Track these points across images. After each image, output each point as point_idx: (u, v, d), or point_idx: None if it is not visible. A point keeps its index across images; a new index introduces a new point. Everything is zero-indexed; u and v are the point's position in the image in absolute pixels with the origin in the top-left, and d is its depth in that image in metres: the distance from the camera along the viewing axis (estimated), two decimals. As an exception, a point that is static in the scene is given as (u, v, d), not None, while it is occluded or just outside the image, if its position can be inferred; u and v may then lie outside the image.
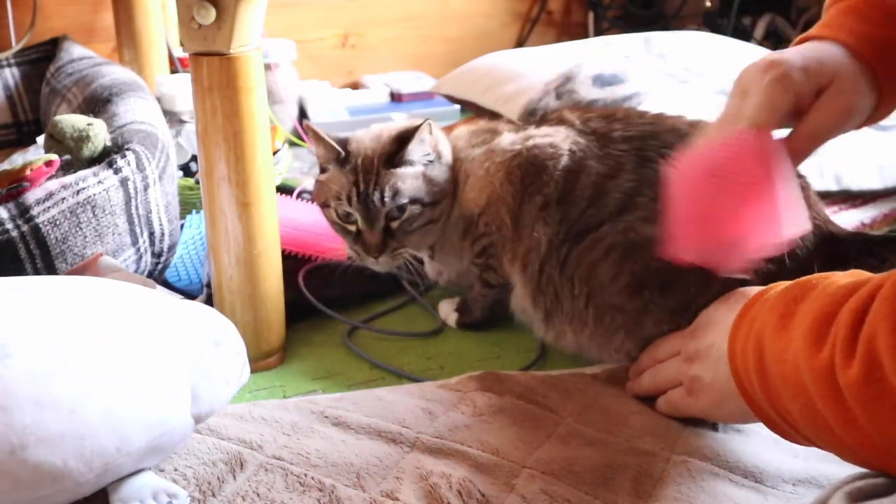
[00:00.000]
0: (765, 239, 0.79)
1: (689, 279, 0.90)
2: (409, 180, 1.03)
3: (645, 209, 0.93)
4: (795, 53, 0.82)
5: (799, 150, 0.83)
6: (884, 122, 1.38)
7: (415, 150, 1.04)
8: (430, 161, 1.05)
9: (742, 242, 0.80)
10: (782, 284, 0.74)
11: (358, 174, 1.03)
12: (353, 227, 1.05)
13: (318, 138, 1.04)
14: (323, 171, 1.08)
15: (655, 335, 0.94)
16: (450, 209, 1.07)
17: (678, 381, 0.88)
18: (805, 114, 0.82)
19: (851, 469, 0.66)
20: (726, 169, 0.80)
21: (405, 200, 1.02)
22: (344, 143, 1.06)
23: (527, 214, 1.00)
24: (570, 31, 2.32)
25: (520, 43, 2.25)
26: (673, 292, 0.92)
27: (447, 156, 1.07)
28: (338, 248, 1.19)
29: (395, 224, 1.03)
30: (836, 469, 0.68)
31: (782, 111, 0.80)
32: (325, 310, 1.10)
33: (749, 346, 0.73)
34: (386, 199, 1.01)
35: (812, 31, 0.86)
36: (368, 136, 1.07)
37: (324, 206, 1.07)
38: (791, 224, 0.79)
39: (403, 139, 1.04)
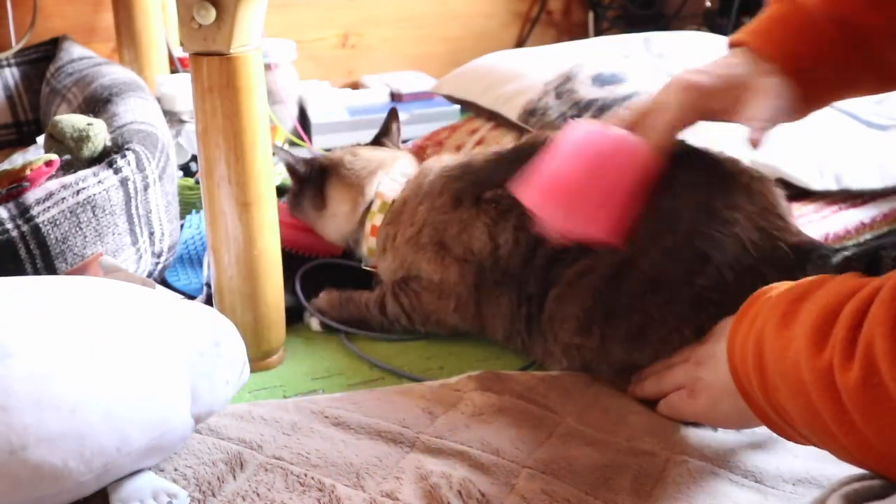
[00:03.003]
0: (586, 227, 0.90)
1: (627, 304, 0.92)
2: None
3: (571, 254, 0.95)
4: (711, 74, 0.91)
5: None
6: (884, 122, 1.38)
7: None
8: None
9: (571, 219, 0.90)
10: (786, 284, 0.75)
11: None
12: None
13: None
14: None
15: (628, 360, 0.94)
16: None
17: (683, 384, 0.88)
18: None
19: (851, 469, 0.66)
20: (605, 156, 0.90)
21: None
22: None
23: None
24: (570, 31, 2.31)
25: (520, 43, 2.25)
26: (617, 319, 0.93)
27: None
28: (336, 248, 1.20)
29: None
30: (835, 469, 0.68)
31: (677, 133, 0.92)
32: (319, 316, 1.09)
33: (749, 343, 0.73)
34: None
35: (740, 36, 0.94)
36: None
37: None
38: (617, 233, 0.89)
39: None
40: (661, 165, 0.90)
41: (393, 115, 1.26)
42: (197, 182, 1.32)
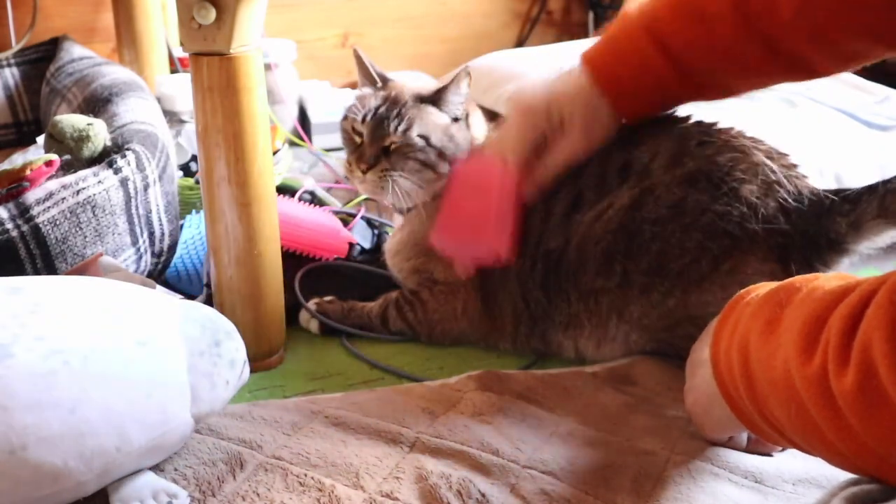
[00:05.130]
0: (483, 252, 1.00)
1: (645, 236, 0.95)
2: (429, 122, 1.04)
3: (590, 196, 1.00)
4: (544, 95, 1.01)
5: (539, 180, 1.01)
6: (884, 122, 1.38)
7: (448, 98, 1.05)
8: (457, 118, 1.06)
9: (468, 248, 1.02)
10: (765, 286, 0.74)
11: (386, 100, 1.05)
12: (357, 140, 1.06)
13: (359, 62, 1.09)
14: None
15: (646, 311, 0.96)
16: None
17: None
18: (548, 150, 1.00)
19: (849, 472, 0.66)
20: (474, 187, 1.01)
21: (414, 134, 1.03)
22: (385, 78, 1.10)
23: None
24: (570, 31, 2.31)
25: (520, 43, 2.25)
26: (638, 252, 0.96)
27: (476, 132, 1.08)
28: (336, 248, 1.19)
29: (393, 146, 1.03)
30: (836, 470, 0.68)
31: (526, 148, 1.00)
32: (319, 316, 1.09)
33: (733, 351, 0.72)
34: (400, 127, 1.03)
35: (585, 53, 1.02)
36: (411, 79, 1.11)
37: (343, 119, 1.09)
38: (502, 248, 0.99)
39: (442, 87, 1.06)
40: (520, 181, 1.00)
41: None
42: (197, 182, 1.32)
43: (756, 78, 0.99)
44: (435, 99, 1.05)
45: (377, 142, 1.03)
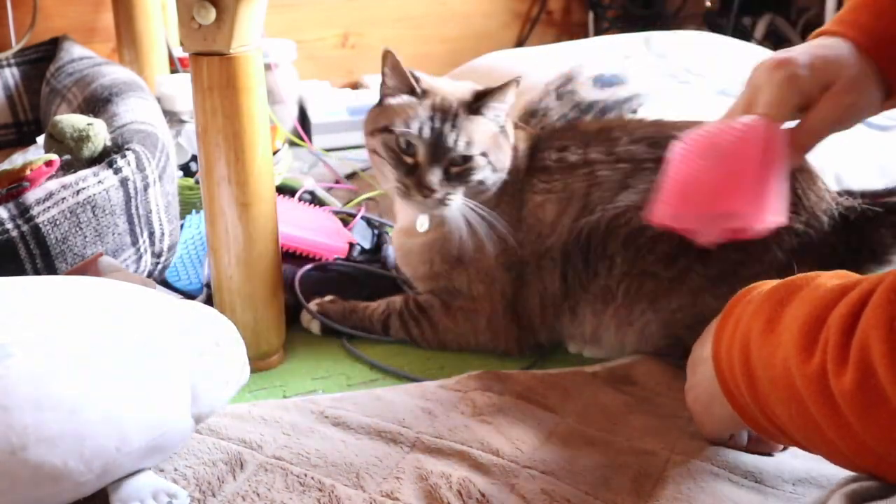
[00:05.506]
0: (747, 220, 0.85)
1: (728, 248, 0.93)
2: (483, 134, 1.00)
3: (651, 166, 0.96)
4: (804, 52, 0.87)
5: (801, 144, 0.88)
6: (884, 122, 1.38)
7: (495, 105, 1.01)
8: (502, 127, 1.03)
9: (727, 217, 0.87)
10: (766, 284, 0.74)
11: (435, 110, 1.00)
12: (410, 160, 1.00)
13: (394, 66, 1.02)
14: (382, 99, 1.05)
15: (683, 305, 0.96)
16: (495, 198, 1.03)
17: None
18: (810, 110, 0.87)
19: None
20: (730, 148, 0.86)
21: (476, 151, 0.99)
22: (416, 77, 1.04)
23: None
24: (570, 31, 2.31)
25: (520, 43, 2.25)
26: (713, 261, 0.94)
27: (511, 141, 1.04)
28: (336, 248, 1.19)
29: (455, 169, 0.99)
30: (835, 469, 0.68)
31: (790, 108, 0.86)
32: (319, 316, 1.09)
33: (735, 349, 0.72)
34: (460, 144, 0.98)
35: (827, 27, 0.90)
36: (442, 81, 1.05)
37: (380, 131, 1.02)
38: (775, 212, 0.85)
39: (483, 92, 1.02)
40: (786, 140, 0.87)
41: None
42: (197, 182, 1.32)
43: None
44: (480, 106, 1.01)
45: (438, 162, 0.98)
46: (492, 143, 1.00)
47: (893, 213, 0.95)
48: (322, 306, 1.10)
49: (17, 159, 1.30)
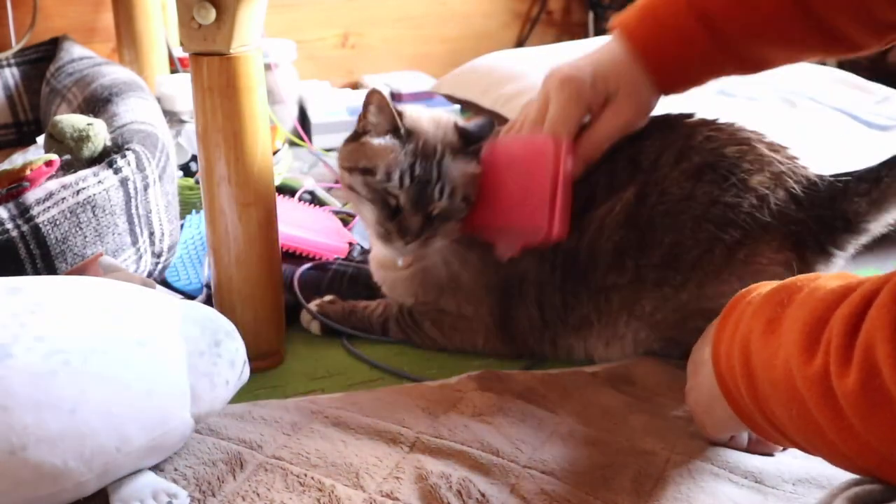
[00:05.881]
0: (539, 234, 0.94)
1: (657, 229, 0.95)
2: (465, 176, 0.98)
3: (601, 194, 0.98)
4: (587, 67, 0.98)
5: (585, 155, 0.98)
6: (884, 122, 1.38)
7: (479, 148, 1.00)
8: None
9: (520, 231, 0.96)
10: (766, 285, 0.74)
11: (418, 156, 0.96)
12: (392, 202, 0.97)
13: (382, 106, 0.97)
14: (360, 134, 1.00)
15: (658, 305, 0.96)
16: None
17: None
18: (592, 123, 0.98)
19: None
20: (524, 166, 0.96)
21: (458, 198, 0.97)
22: (399, 113, 0.99)
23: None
24: (570, 31, 2.31)
25: (520, 43, 2.25)
26: (650, 246, 0.96)
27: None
28: (336, 248, 1.19)
29: (436, 211, 0.97)
30: (835, 469, 0.68)
31: (575, 122, 0.97)
32: (319, 317, 1.09)
33: (735, 351, 0.72)
34: (445, 193, 0.96)
35: (618, 23, 0.99)
36: (424, 117, 1.02)
37: (361, 171, 0.98)
38: (557, 226, 0.94)
39: (468, 133, 0.99)
40: (569, 156, 0.95)
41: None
42: (197, 182, 1.32)
43: (797, 50, 0.98)
44: (465, 147, 0.99)
45: (420, 210, 0.96)
46: (471, 183, 0.98)
47: (864, 180, 0.95)
48: (322, 306, 1.10)
49: (17, 159, 1.30)
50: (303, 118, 1.82)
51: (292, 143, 1.71)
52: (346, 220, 1.31)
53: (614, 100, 0.97)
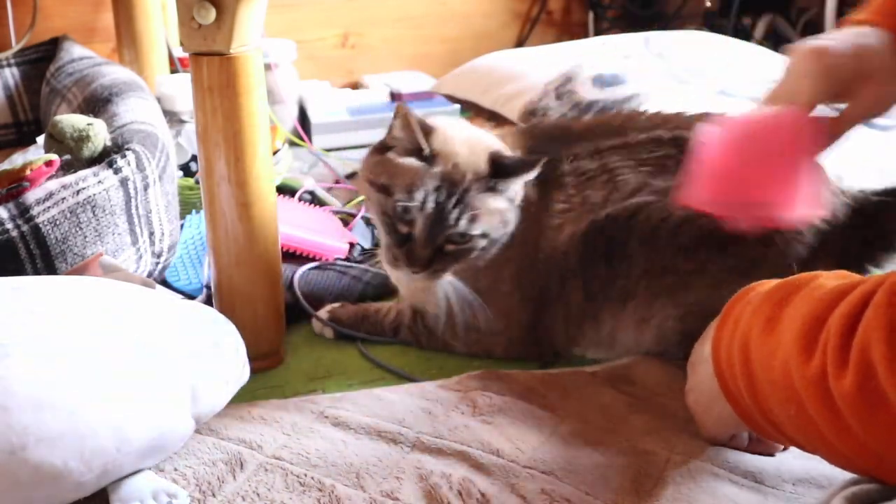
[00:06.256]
0: (780, 210, 0.86)
1: (749, 241, 0.92)
2: (493, 212, 0.93)
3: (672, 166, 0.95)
4: (843, 42, 0.87)
5: (838, 132, 0.89)
6: (884, 122, 1.38)
7: (515, 187, 0.94)
8: (512, 199, 0.95)
9: (761, 207, 0.86)
10: (765, 284, 0.74)
11: (443, 181, 0.91)
12: (405, 229, 0.93)
13: (406, 125, 0.93)
14: (385, 148, 0.96)
15: (700, 298, 0.94)
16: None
17: None
18: (846, 97, 0.88)
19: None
20: (764, 138, 0.86)
21: (478, 232, 0.92)
22: (428, 130, 0.94)
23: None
24: (570, 31, 2.31)
25: (520, 43, 2.25)
26: (732, 253, 0.94)
27: (520, 196, 0.97)
28: (336, 248, 1.19)
29: (451, 247, 0.93)
30: (835, 469, 0.68)
31: (826, 98, 0.87)
32: (330, 324, 1.09)
33: (734, 349, 0.72)
34: (462, 223, 0.91)
35: (859, 15, 0.91)
36: (459, 138, 0.96)
37: (378, 188, 0.94)
38: (809, 203, 0.85)
39: (503, 165, 0.94)
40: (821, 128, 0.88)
41: None
42: (197, 182, 1.32)
43: None
44: (498, 181, 0.93)
45: (434, 239, 0.91)
46: (498, 221, 0.94)
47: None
48: (333, 312, 1.09)
49: (17, 159, 1.30)
50: (303, 118, 1.82)
51: (292, 143, 1.71)
52: (346, 220, 1.31)
53: (871, 77, 0.88)
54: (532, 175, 0.94)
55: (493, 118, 1.50)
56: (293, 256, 1.15)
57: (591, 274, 0.98)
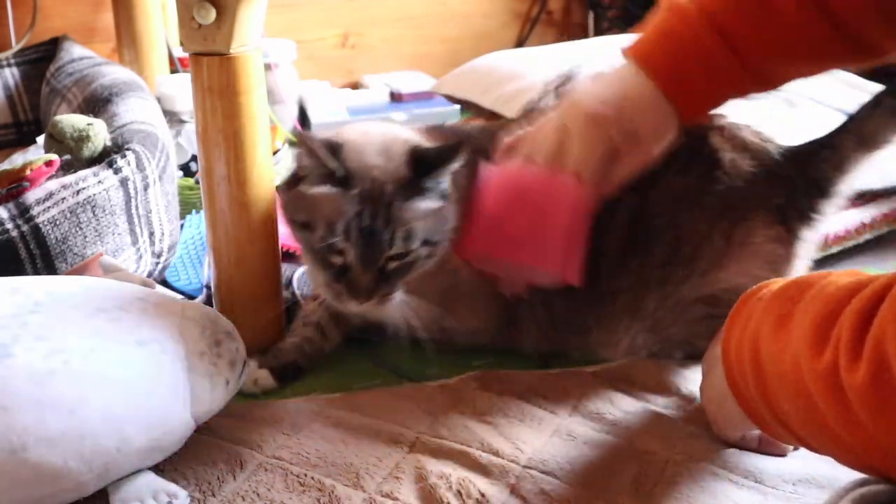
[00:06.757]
0: (547, 276, 0.91)
1: (658, 229, 0.95)
2: (426, 216, 0.86)
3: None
4: (613, 103, 0.92)
5: (604, 192, 0.93)
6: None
7: (442, 181, 0.88)
8: (444, 194, 0.89)
9: (528, 270, 0.91)
10: (776, 282, 0.75)
11: (364, 203, 0.84)
12: (338, 260, 0.86)
13: (310, 151, 0.85)
14: (297, 180, 0.89)
15: (660, 303, 0.96)
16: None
17: None
18: (614, 161, 0.92)
19: (850, 470, 0.66)
20: (540, 203, 0.90)
21: (417, 244, 0.86)
22: (336, 149, 0.86)
23: None
24: (570, 31, 2.31)
25: (520, 43, 2.25)
26: (653, 246, 0.95)
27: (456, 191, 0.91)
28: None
29: (393, 265, 0.87)
30: (835, 469, 0.68)
31: (601, 166, 0.92)
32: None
33: (744, 346, 0.73)
34: (397, 243, 0.85)
35: (634, 52, 0.94)
36: (372, 146, 0.89)
37: (300, 226, 0.88)
38: (572, 269, 0.90)
39: (424, 161, 0.87)
40: (594, 200, 0.92)
41: None
42: (197, 182, 1.32)
43: (822, 62, 0.95)
44: (424, 179, 0.86)
45: (372, 265, 0.85)
46: (435, 223, 0.87)
47: (825, 146, 0.97)
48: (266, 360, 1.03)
49: (17, 159, 1.30)
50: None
51: (292, 143, 1.70)
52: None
53: (639, 140, 0.92)
54: (458, 164, 0.88)
55: (494, 118, 1.50)
56: (293, 256, 1.15)
57: (554, 304, 0.99)
